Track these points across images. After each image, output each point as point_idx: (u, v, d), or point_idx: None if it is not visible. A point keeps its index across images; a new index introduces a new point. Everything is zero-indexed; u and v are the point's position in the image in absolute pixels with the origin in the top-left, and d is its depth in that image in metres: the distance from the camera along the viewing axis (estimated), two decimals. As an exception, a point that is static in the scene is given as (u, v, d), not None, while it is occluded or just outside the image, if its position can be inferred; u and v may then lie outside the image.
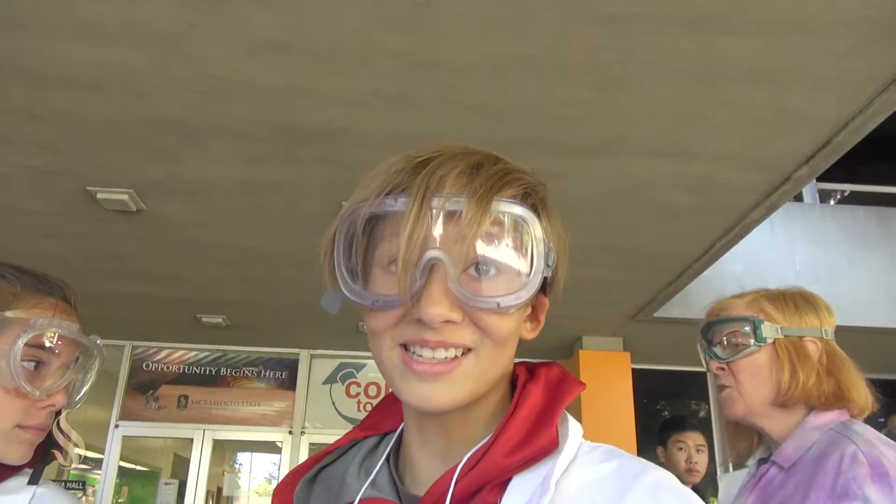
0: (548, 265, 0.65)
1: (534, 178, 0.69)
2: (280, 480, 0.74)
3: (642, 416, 6.30)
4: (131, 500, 7.46)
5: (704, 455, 3.19)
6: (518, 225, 0.63)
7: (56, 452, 1.02)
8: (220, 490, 8.02)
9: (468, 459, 0.64)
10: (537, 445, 0.63)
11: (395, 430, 0.75)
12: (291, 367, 7.07)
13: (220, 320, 6.14)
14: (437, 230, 0.61)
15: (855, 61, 2.65)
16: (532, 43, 2.64)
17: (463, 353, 0.62)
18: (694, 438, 3.22)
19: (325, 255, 0.68)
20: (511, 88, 2.90)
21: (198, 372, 6.99)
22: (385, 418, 0.76)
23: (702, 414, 7.21)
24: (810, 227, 5.93)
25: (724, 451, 6.85)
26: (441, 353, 0.61)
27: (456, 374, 0.61)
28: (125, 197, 3.82)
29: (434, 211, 0.60)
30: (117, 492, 6.79)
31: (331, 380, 7.08)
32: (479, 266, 0.62)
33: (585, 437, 0.69)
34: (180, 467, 7.23)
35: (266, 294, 5.47)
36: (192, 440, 6.78)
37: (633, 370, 6.36)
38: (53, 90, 2.95)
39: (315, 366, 7.13)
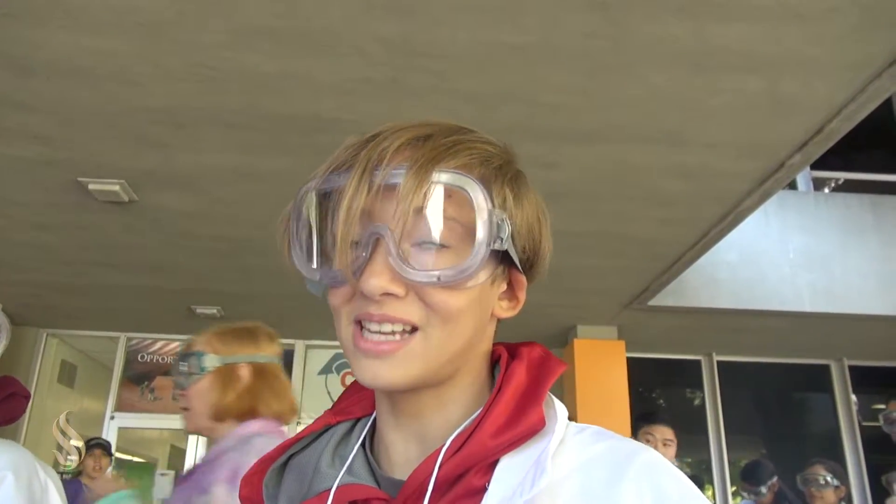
0: (500, 238, 0.61)
1: (493, 147, 0.66)
2: (247, 470, 0.72)
3: (637, 404, 6.32)
4: (128, 491, 7.46)
5: (671, 449, 3.25)
6: (459, 195, 0.61)
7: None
8: (216, 481, 8.02)
9: (452, 442, 0.62)
10: (525, 425, 0.61)
11: (369, 415, 0.73)
12: (286, 357, 6.97)
13: (214, 311, 6.13)
14: (379, 204, 0.60)
15: (848, 47, 2.64)
16: (524, 30, 2.62)
17: (411, 332, 0.61)
18: (662, 432, 3.26)
19: (283, 235, 0.67)
20: (503, 76, 2.89)
21: (193, 363, 6.98)
22: (357, 402, 0.74)
23: (696, 402, 7.24)
24: (804, 216, 5.94)
25: (717, 441, 6.88)
26: (387, 327, 0.60)
27: (404, 354, 0.61)
28: (117, 188, 3.80)
29: (374, 185, 0.60)
30: (113, 483, 6.78)
31: (326, 370, 7.09)
32: (425, 240, 0.61)
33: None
34: (177, 458, 7.25)
35: (260, 285, 5.46)
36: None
37: (628, 359, 6.38)
38: (42, 79, 2.93)
39: (310, 357, 7.13)
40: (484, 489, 0.60)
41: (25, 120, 3.22)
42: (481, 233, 0.60)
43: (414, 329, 0.61)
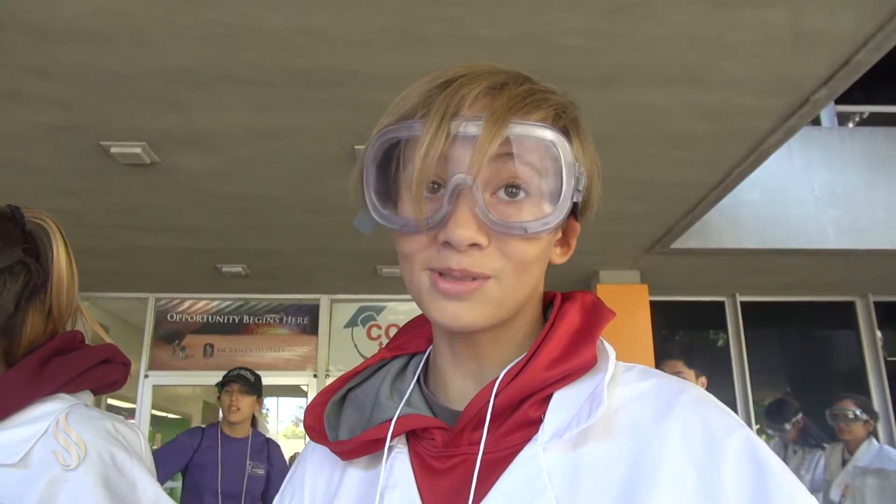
0: (578, 190, 0.64)
1: (563, 97, 0.68)
2: (310, 401, 0.75)
3: (661, 348, 6.35)
4: (165, 446, 7.70)
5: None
6: (547, 148, 0.62)
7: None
8: (250, 434, 8.23)
9: (507, 372, 0.65)
10: (578, 361, 0.63)
11: (422, 352, 0.77)
12: (312, 312, 7.17)
13: (239, 269, 6.21)
14: (458, 151, 0.60)
15: (874, -25, 2.57)
16: (540, -28, 2.57)
17: (485, 278, 0.62)
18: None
19: (356, 178, 0.67)
20: (520, 20, 2.84)
21: (221, 321, 7.11)
22: (411, 340, 0.77)
23: (720, 343, 7.26)
24: (828, 152, 5.83)
25: (742, 381, 6.92)
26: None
27: (480, 296, 0.62)
28: (139, 150, 3.83)
29: (452, 133, 0.59)
30: (150, 439, 7.00)
31: (352, 323, 7.19)
32: (507, 189, 0.62)
33: None
34: (210, 413, 7.43)
35: (284, 241, 5.51)
36: (220, 387, 6.93)
37: (651, 302, 6.39)
38: (58, 44, 2.93)
39: (336, 310, 7.22)
40: (540, 420, 0.63)
41: (44, 85, 3.24)
42: (567, 185, 0.63)
43: (487, 278, 0.62)
